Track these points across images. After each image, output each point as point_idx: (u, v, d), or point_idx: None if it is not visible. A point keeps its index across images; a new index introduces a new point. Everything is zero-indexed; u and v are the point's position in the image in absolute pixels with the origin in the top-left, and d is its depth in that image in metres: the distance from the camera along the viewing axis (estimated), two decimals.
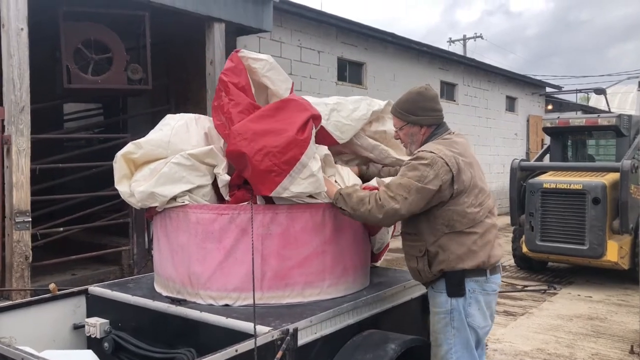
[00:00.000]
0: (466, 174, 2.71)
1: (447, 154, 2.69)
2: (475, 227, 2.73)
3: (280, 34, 10.17)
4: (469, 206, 2.71)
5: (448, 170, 2.65)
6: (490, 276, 2.78)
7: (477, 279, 2.74)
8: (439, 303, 2.79)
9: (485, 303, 2.78)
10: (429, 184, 2.61)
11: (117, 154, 2.85)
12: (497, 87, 17.65)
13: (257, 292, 2.64)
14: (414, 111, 2.87)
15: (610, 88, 20.95)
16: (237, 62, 3.00)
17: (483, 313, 2.77)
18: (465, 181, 2.70)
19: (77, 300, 3.04)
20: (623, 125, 8.06)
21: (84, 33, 6.93)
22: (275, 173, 2.59)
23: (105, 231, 7.79)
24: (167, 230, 2.83)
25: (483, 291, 2.76)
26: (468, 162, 2.76)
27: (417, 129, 2.89)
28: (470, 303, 2.74)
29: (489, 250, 2.76)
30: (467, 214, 2.71)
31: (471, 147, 2.95)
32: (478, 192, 2.76)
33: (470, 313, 2.74)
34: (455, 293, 2.73)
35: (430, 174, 2.62)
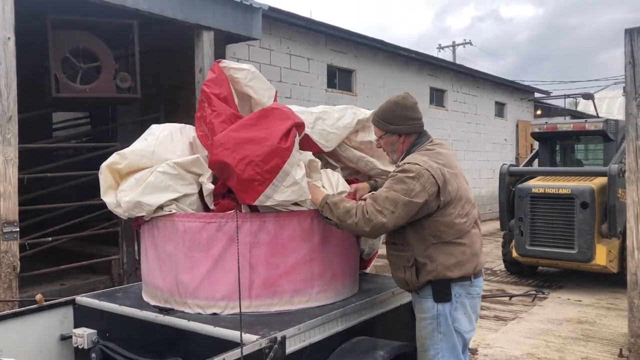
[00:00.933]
0: (452, 185, 2.73)
1: (433, 166, 2.70)
2: (462, 237, 2.75)
3: (270, 42, 10.19)
4: (456, 217, 2.73)
5: (434, 183, 2.66)
6: (474, 279, 2.82)
7: (463, 284, 2.77)
8: (425, 309, 2.81)
9: (471, 307, 2.81)
10: (416, 197, 2.63)
11: (102, 165, 2.85)
12: (486, 92, 17.76)
13: (245, 301, 2.64)
14: (391, 120, 2.89)
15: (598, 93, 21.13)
16: (218, 72, 3.01)
17: (469, 317, 2.81)
18: (451, 192, 2.72)
19: (64, 311, 3.02)
20: (610, 130, 8.14)
21: (72, 42, 6.91)
22: (258, 182, 2.59)
23: (95, 240, 7.75)
24: (155, 239, 2.82)
25: (468, 295, 2.80)
26: (453, 173, 2.78)
27: (396, 137, 2.92)
28: (457, 307, 2.76)
29: (475, 260, 2.80)
30: (455, 224, 2.73)
31: (455, 157, 2.97)
32: (464, 202, 2.78)
33: (457, 318, 2.77)
34: (442, 299, 2.75)
35: (417, 187, 2.63)
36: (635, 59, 4.32)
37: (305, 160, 2.86)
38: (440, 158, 2.79)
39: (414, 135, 2.92)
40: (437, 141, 2.96)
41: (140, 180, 2.74)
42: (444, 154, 2.86)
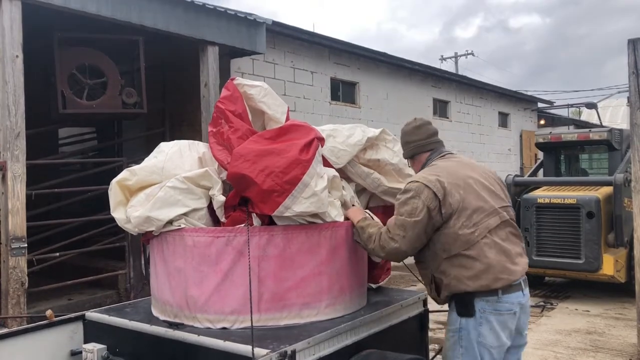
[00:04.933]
0: (454, 197, 2.71)
1: (431, 180, 2.73)
2: (470, 249, 2.70)
3: (274, 56, 10.26)
4: (460, 228, 2.70)
5: (434, 196, 2.69)
6: (503, 296, 2.71)
7: (488, 299, 2.71)
8: (450, 321, 2.82)
9: (499, 323, 2.72)
10: (420, 215, 2.68)
11: (112, 182, 2.87)
12: (490, 103, 17.80)
13: (255, 314, 2.64)
14: (403, 148, 3.16)
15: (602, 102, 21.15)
16: (233, 90, 3.06)
17: (495, 333, 2.72)
18: (453, 204, 2.71)
19: (74, 326, 3.03)
20: (614, 139, 8.14)
21: (79, 58, 7.00)
22: (278, 193, 2.62)
23: (102, 255, 7.77)
24: (164, 254, 2.84)
25: (495, 311, 2.72)
26: (455, 184, 2.75)
27: (410, 162, 3.14)
28: (481, 323, 2.72)
29: (494, 272, 2.69)
30: (459, 236, 2.70)
31: (470, 167, 2.94)
32: (471, 212, 2.72)
33: (482, 333, 2.72)
34: (464, 313, 2.74)
35: (419, 204, 2.69)
36: (639, 69, 4.34)
37: (329, 176, 2.89)
38: (439, 170, 2.81)
39: (423, 154, 3.04)
40: (448, 154, 3.01)
41: (150, 196, 2.76)
42: (447, 165, 2.88)
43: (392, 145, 3.42)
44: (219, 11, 7.40)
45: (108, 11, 6.13)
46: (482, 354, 2.72)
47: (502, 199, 2.90)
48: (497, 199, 2.86)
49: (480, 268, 2.69)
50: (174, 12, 6.85)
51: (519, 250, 2.85)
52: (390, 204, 3.49)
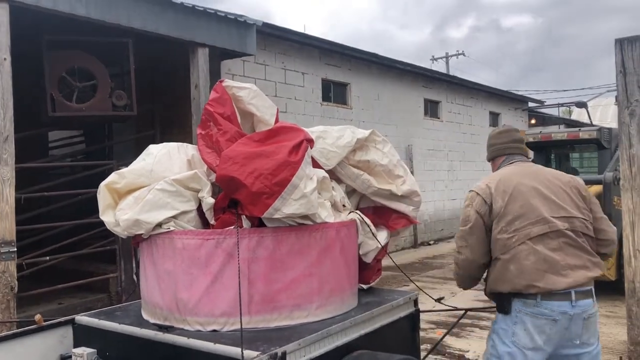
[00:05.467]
0: (497, 203, 2.89)
1: (482, 187, 3.00)
2: (506, 253, 2.83)
3: (264, 57, 10.27)
4: (500, 232, 2.86)
5: (483, 202, 2.93)
6: (542, 301, 2.76)
7: (525, 301, 2.79)
8: (495, 320, 2.98)
9: (534, 326, 2.77)
10: (472, 221, 2.93)
11: (101, 185, 2.86)
12: (480, 103, 17.88)
13: (245, 316, 2.64)
14: (487, 148, 3.37)
15: (592, 101, 21.29)
16: (221, 92, 3.04)
17: (530, 335, 2.77)
18: (495, 209, 2.89)
19: (63, 331, 3.01)
20: (604, 138, 8.19)
21: (68, 61, 6.97)
22: (267, 195, 2.61)
23: (93, 258, 7.74)
24: (153, 257, 2.83)
25: (531, 314, 2.78)
26: (503, 191, 2.91)
27: (491, 164, 3.35)
28: (516, 322, 2.81)
29: (527, 278, 2.76)
30: (498, 240, 2.87)
31: (531, 175, 3.00)
32: (512, 219, 2.84)
33: (516, 332, 2.81)
34: (502, 310, 2.90)
35: (471, 212, 2.95)
36: (627, 68, 4.37)
37: (319, 177, 2.89)
38: (495, 177, 3.04)
39: (499, 158, 3.26)
40: (518, 161, 3.16)
41: (139, 199, 2.75)
42: (506, 172, 3.06)
43: (381, 146, 3.42)
44: (209, 13, 7.39)
45: (97, 13, 6.11)
46: (513, 354, 2.80)
47: (565, 208, 2.88)
48: (557, 208, 2.88)
49: (513, 273, 2.80)
50: (163, 13, 6.83)
51: (573, 262, 2.81)
52: (381, 204, 3.50)
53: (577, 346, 2.84)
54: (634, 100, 4.32)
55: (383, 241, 3.41)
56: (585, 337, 2.83)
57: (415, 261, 11.70)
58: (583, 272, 2.81)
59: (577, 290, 2.78)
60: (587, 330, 2.83)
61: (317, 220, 2.82)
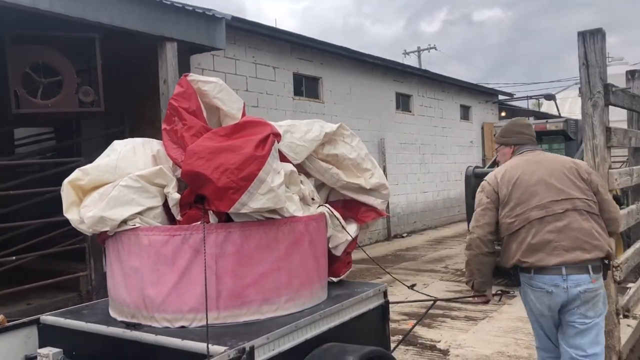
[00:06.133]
0: (502, 191, 3.36)
1: (491, 177, 3.47)
2: (510, 235, 3.31)
3: (235, 51, 10.19)
4: (504, 217, 3.34)
5: (492, 190, 3.40)
6: (535, 275, 3.23)
7: (524, 274, 3.31)
8: None
9: (535, 297, 3.28)
10: (484, 204, 3.41)
11: (64, 182, 2.81)
12: (451, 96, 18.04)
13: (213, 312, 2.63)
14: (504, 134, 3.68)
15: (561, 93, 21.65)
16: (186, 86, 3.01)
17: (534, 303, 3.31)
18: (501, 197, 3.37)
19: (28, 331, 2.96)
20: (570, 129, 8.35)
21: (32, 57, 6.80)
22: (233, 190, 2.60)
23: (62, 257, 7.61)
24: (119, 253, 2.80)
25: (529, 285, 3.29)
26: (507, 180, 3.36)
27: (505, 148, 3.67)
28: (525, 291, 3.37)
29: (523, 254, 3.24)
30: (502, 223, 3.35)
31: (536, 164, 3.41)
32: (514, 205, 3.31)
33: (525, 299, 3.40)
34: (515, 282, 3.43)
35: (483, 197, 3.43)
36: (589, 60, 4.45)
37: (286, 171, 2.88)
38: (503, 168, 3.48)
39: (506, 147, 3.66)
40: (526, 151, 3.54)
41: (103, 195, 2.72)
42: (514, 164, 3.47)
43: (350, 140, 3.43)
44: (177, 7, 7.30)
45: (61, 7, 5.98)
46: (528, 314, 3.48)
47: (566, 191, 3.26)
48: (558, 192, 3.27)
49: (513, 250, 3.30)
50: (130, 8, 6.72)
51: (569, 244, 3.17)
52: (350, 198, 3.51)
53: (577, 315, 3.21)
54: (597, 92, 4.40)
55: (353, 234, 3.44)
56: (583, 309, 3.18)
57: (388, 253, 11.78)
58: (578, 254, 3.15)
59: (568, 266, 3.15)
60: (585, 304, 3.17)
61: (285, 215, 2.82)
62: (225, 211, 2.67)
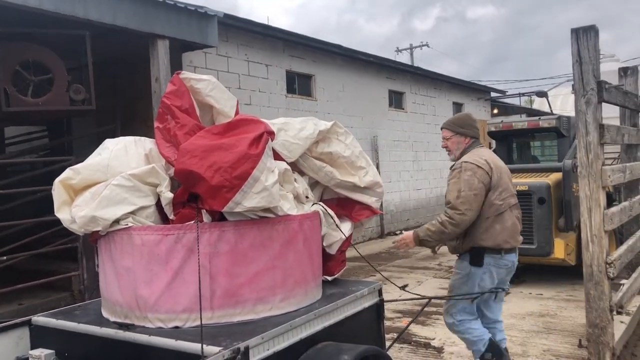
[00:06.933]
0: (494, 176, 3.79)
1: (482, 162, 3.78)
2: (497, 216, 3.76)
3: (227, 49, 10.14)
4: (495, 199, 3.77)
5: (486, 174, 3.75)
6: (505, 255, 3.83)
7: (494, 256, 3.79)
8: (462, 267, 3.91)
9: (497, 274, 3.86)
10: (478, 189, 3.69)
11: (55, 181, 2.78)
12: (444, 93, 18.06)
13: (207, 312, 2.61)
14: (462, 125, 4.07)
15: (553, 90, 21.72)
16: (179, 84, 2.98)
17: (492, 279, 3.86)
18: (493, 181, 3.77)
19: (19, 332, 2.93)
20: (562, 126, 8.35)
21: (22, 54, 6.74)
22: (227, 188, 2.57)
23: (54, 257, 7.56)
24: (112, 253, 2.77)
25: (496, 265, 3.82)
26: (496, 167, 3.82)
27: (462, 138, 4.04)
28: (485, 272, 3.81)
29: (506, 235, 3.78)
30: (493, 204, 3.76)
31: (497, 158, 3.98)
32: (502, 190, 3.81)
33: (483, 278, 3.83)
34: (476, 263, 3.80)
35: (476, 181, 3.70)
36: (582, 57, 4.45)
37: (280, 169, 2.86)
38: (486, 155, 3.86)
39: (472, 140, 4.04)
40: (481, 146, 4.05)
41: (95, 195, 2.69)
42: (487, 154, 3.95)
43: (344, 137, 3.41)
44: (168, 4, 7.25)
45: (51, 5, 5.92)
46: (469, 289, 3.84)
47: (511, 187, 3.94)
48: (512, 187, 3.95)
49: (497, 230, 3.75)
50: (120, 5, 6.67)
51: (520, 229, 3.97)
52: (344, 196, 3.50)
53: (507, 285, 4.06)
54: (590, 89, 4.41)
55: (347, 232, 3.42)
56: (508, 278, 4.01)
57: (382, 251, 11.78)
58: (520, 238, 4.00)
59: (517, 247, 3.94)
60: (510, 275, 4.02)
61: (280, 213, 2.80)
62: (219, 210, 2.64)
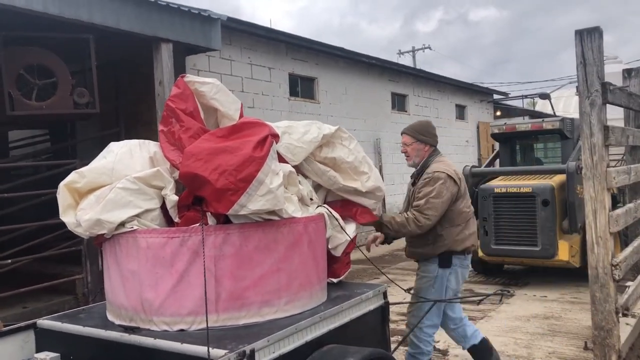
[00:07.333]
0: (462, 186, 3.98)
1: (452, 172, 3.92)
2: (466, 222, 4.00)
3: (230, 52, 10.16)
4: (463, 207, 3.99)
5: (455, 184, 3.90)
6: (467, 255, 4.08)
7: (460, 257, 4.01)
8: (428, 270, 4.02)
9: (461, 274, 4.08)
10: (445, 197, 3.83)
11: (60, 184, 2.78)
12: (447, 96, 18.05)
13: (213, 315, 2.61)
14: (423, 133, 4.14)
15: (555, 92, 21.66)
16: (183, 87, 2.98)
17: (457, 280, 4.05)
18: (461, 190, 3.96)
19: (25, 335, 2.93)
20: (566, 128, 8.34)
21: (26, 58, 6.76)
22: (232, 191, 2.57)
23: (58, 260, 7.55)
24: (117, 256, 2.77)
25: (462, 265, 4.05)
26: (462, 177, 4.02)
27: (422, 145, 4.12)
28: (451, 273, 4.00)
29: (472, 239, 4.07)
30: (462, 212, 3.98)
31: None
32: (467, 198, 4.07)
33: (450, 279, 4.00)
34: (444, 265, 3.96)
35: (444, 190, 3.83)
36: (586, 59, 4.44)
37: (285, 172, 2.86)
38: (451, 166, 3.99)
39: (433, 147, 4.14)
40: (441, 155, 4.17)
41: (100, 198, 2.69)
42: (449, 162, 4.07)
43: (347, 143, 3.40)
44: (172, 7, 7.27)
45: (55, 9, 5.94)
46: (446, 292, 3.99)
47: None
48: None
49: (467, 235, 4.01)
50: (124, 8, 6.68)
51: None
52: (347, 200, 3.50)
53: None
54: (594, 91, 4.40)
55: (352, 234, 3.41)
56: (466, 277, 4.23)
57: (385, 253, 11.76)
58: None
59: None
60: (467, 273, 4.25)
61: (284, 216, 2.79)
62: (224, 213, 2.64)
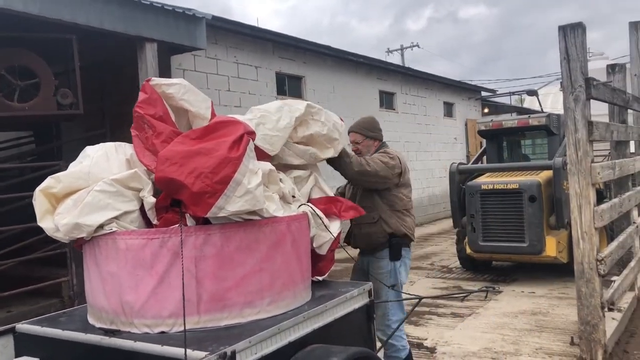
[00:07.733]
0: (406, 174, 4.14)
1: (401, 157, 4.14)
2: (407, 211, 4.14)
3: (216, 51, 10.11)
4: (405, 195, 4.14)
5: (399, 166, 4.04)
6: (410, 245, 4.20)
7: (405, 248, 4.12)
8: (382, 266, 4.08)
9: (408, 264, 4.18)
10: (389, 165, 3.96)
11: (36, 190, 2.73)
12: (435, 93, 18.09)
13: (194, 316, 2.58)
14: (372, 129, 4.29)
15: (543, 89, 21.80)
16: (150, 92, 2.92)
17: (406, 270, 4.17)
18: (404, 177, 4.11)
19: (4, 340, 2.87)
20: (552, 124, 8.38)
21: (7, 59, 6.67)
22: (209, 194, 2.52)
23: (43, 263, 7.47)
24: (97, 259, 2.72)
25: (407, 256, 4.15)
26: (407, 166, 4.16)
27: (372, 142, 4.27)
28: (401, 264, 4.09)
29: (414, 228, 4.21)
30: (403, 199, 4.11)
31: None
32: (410, 187, 4.22)
33: (401, 272, 4.09)
34: (395, 257, 4.04)
35: (392, 163, 3.99)
36: (570, 55, 4.45)
37: (265, 170, 2.83)
38: (397, 154, 4.13)
39: (380, 141, 4.32)
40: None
41: (78, 201, 2.64)
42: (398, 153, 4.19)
43: (319, 116, 3.41)
44: (156, 7, 7.21)
45: (35, 8, 5.87)
46: (398, 285, 4.06)
47: None
48: None
49: (410, 222, 4.14)
50: (107, 8, 6.62)
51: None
52: (331, 196, 3.49)
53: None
54: (578, 86, 4.41)
55: (335, 232, 3.39)
56: None
57: None
58: None
59: None
60: None
61: (265, 215, 2.76)
62: (203, 216, 2.60)
